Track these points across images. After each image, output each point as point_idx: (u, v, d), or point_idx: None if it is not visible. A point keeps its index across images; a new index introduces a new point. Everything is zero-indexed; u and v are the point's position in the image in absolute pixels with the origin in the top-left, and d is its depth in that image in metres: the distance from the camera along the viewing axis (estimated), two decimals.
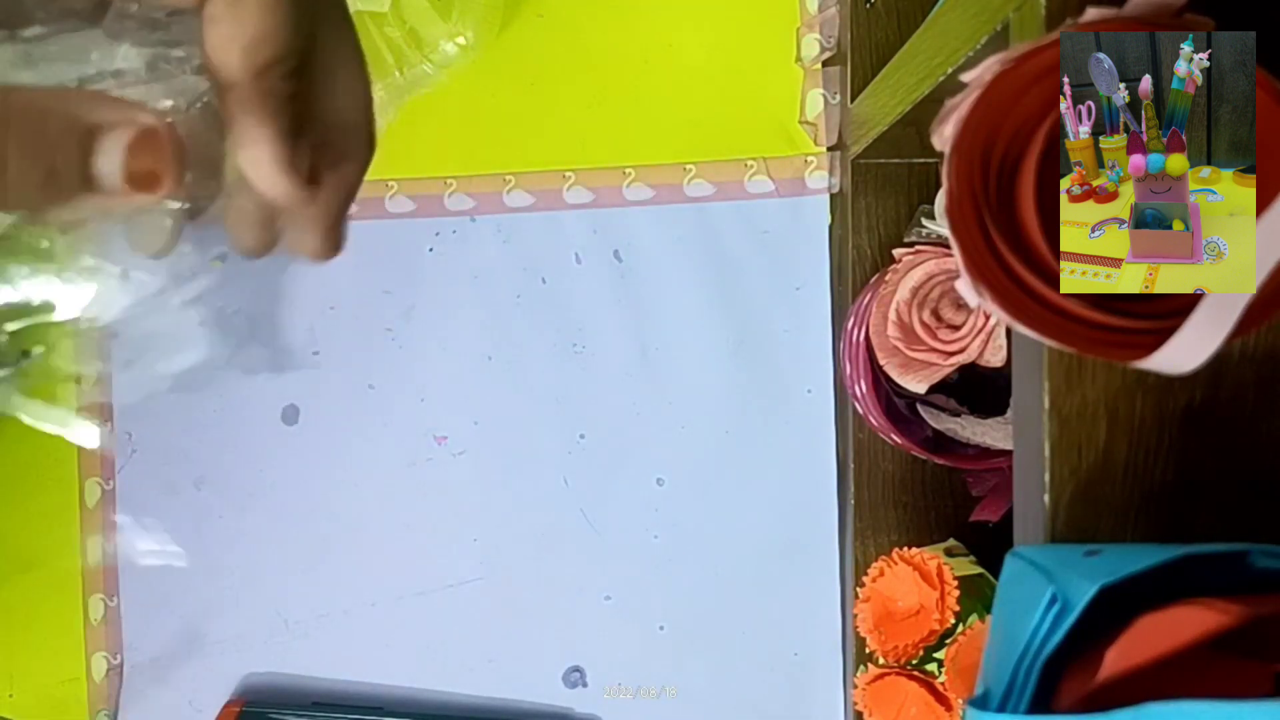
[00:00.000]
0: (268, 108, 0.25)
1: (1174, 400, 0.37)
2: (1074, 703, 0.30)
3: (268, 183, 0.26)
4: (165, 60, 0.26)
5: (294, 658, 0.83)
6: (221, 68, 0.25)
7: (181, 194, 0.26)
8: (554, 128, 0.82)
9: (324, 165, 0.28)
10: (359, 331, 0.83)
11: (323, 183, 0.28)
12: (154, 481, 0.84)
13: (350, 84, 0.28)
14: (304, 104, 0.27)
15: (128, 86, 0.25)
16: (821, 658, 0.79)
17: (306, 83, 0.27)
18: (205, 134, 0.26)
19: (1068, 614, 0.30)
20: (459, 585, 0.82)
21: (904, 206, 0.74)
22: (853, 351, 0.66)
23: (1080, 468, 0.37)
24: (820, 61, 0.79)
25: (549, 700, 0.81)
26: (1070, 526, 0.37)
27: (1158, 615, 0.29)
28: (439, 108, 0.83)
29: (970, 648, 0.57)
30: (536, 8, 0.83)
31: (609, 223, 0.81)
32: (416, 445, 0.83)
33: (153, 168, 0.23)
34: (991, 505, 0.68)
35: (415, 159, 0.83)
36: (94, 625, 0.85)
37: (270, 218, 0.29)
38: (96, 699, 0.84)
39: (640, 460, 0.81)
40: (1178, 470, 0.37)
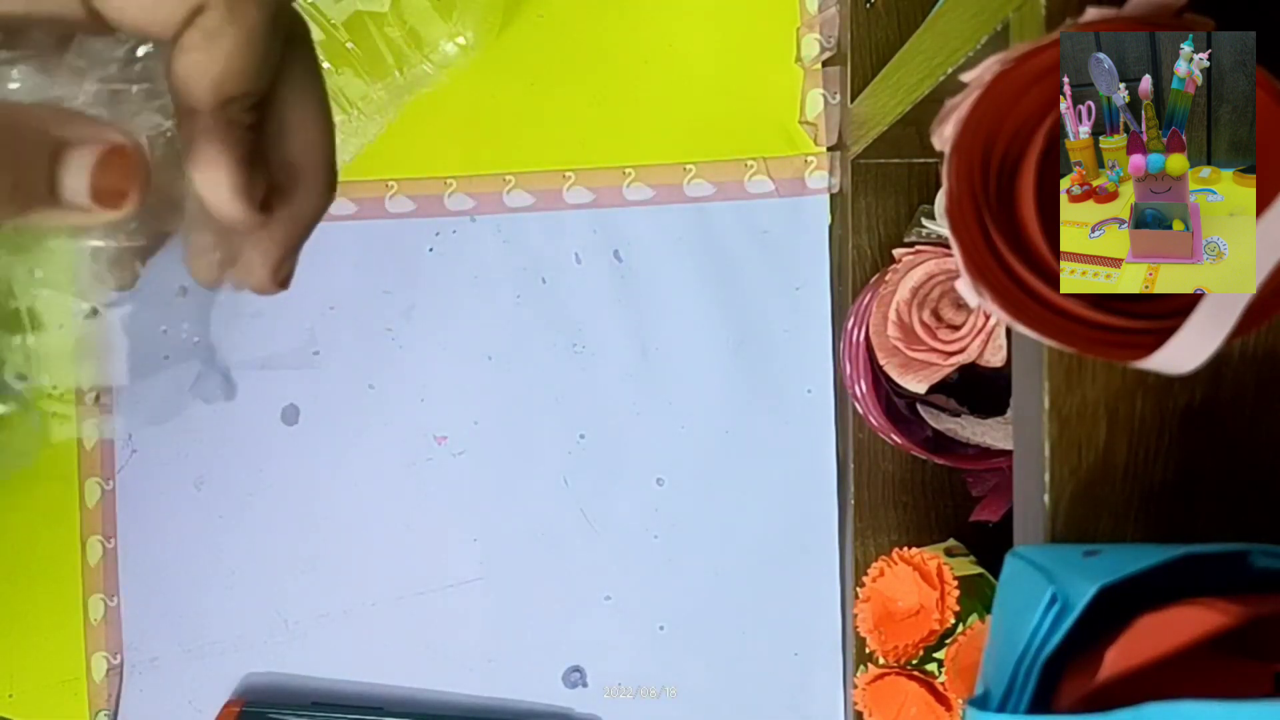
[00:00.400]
0: (228, 136, 0.26)
1: (1174, 400, 0.37)
2: (1074, 703, 0.30)
3: (222, 206, 0.27)
4: (127, 97, 0.26)
5: (294, 658, 0.83)
6: (187, 96, 0.26)
7: (142, 229, 0.26)
8: (554, 128, 0.82)
9: (278, 199, 0.28)
10: (359, 331, 0.83)
11: (276, 215, 0.28)
12: (154, 481, 0.84)
13: (311, 124, 0.29)
14: (263, 137, 0.27)
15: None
16: (821, 658, 0.79)
17: (268, 117, 0.27)
18: (166, 169, 0.27)
19: (1068, 614, 0.30)
20: (459, 585, 0.82)
21: (904, 206, 0.74)
22: (853, 351, 0.66)
23: (1080, 468, 0.37)
24: (820, 61, 0.79)
25: (549, 700, 0.81)
26: (1070, 526, 0.37)
27: (1158, 615, 0.29)
28: (439, 108, 0.83)
29: (970, 648, 0.57)
30: (536, 8, 0.83)
31: (609, 223, 0.82)
32: (416, 445, 0.83)
33: (120, 185, 0.24)
34: (991, 505, 0.68)
35: (415, 159, 0.83)
36: (94, 625, 0.85)
37: (227, 250, 0.29)
38: (96, 699, 0.84)
39: (640, 460, 0.81)
40: (1178, 470, 0.37)
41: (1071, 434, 0.37)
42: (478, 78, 0.83)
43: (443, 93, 0.83)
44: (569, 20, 0.83)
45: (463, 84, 0.83)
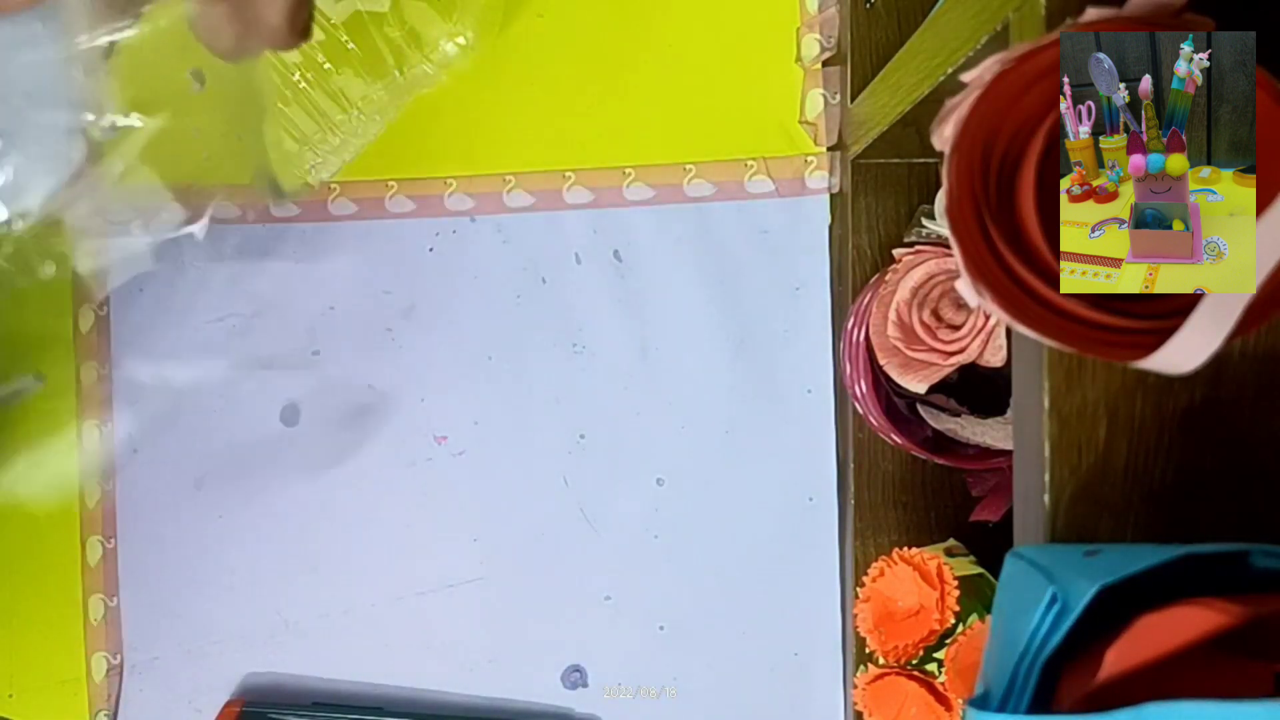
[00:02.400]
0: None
1: (1174, 400, 0.37)
2: (1074, 703, 0.30)
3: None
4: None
5: (294, 658, 0.83)
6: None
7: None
8: (554, 128, 0.82)
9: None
10: (359, 331, 0.83)
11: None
12: (154, 481, 0.84)
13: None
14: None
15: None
16: (821, 658, 0.79)
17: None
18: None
19: (1068, 614, 0.30)
20: (459, 585, 0.82)
21: (904, 206, 0.74)
22: (853, 351, 0.66)
23: (1080, 468, 0.37)
24: (820, 61, 0.79)
25: (549, 700, 0.81)
26: (1070, 526, 0.37)
27: (1158, 615, 0.29)
28: (439, 108, 0.83)
29: (970, 648, 0.57)
30: (536, 8, 0.83)
31: (609, 223, 0.82)
32: (416, 445, 0.83)
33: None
34: (991, 505, 0.68)
35: (415, 159, 0.83)
36: (94, 625, 0.85)
37: (241, 16, 0.29)
38: (96, 699, 0.84)
39: (640, 460, 0.81)
40: (1178, 470, 0.37)
41: (1071, 434, 0.37)
42: (478, 78, 0.83)
43: (443, 93, 0.83)
44: (569, 20, 0.83)
45: (463, 84, 0.83)
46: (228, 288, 0.84)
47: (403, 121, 0.83)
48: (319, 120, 0.76)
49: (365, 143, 0.81)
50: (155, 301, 0.84)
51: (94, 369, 0.85)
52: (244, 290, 0.84)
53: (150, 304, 0.84)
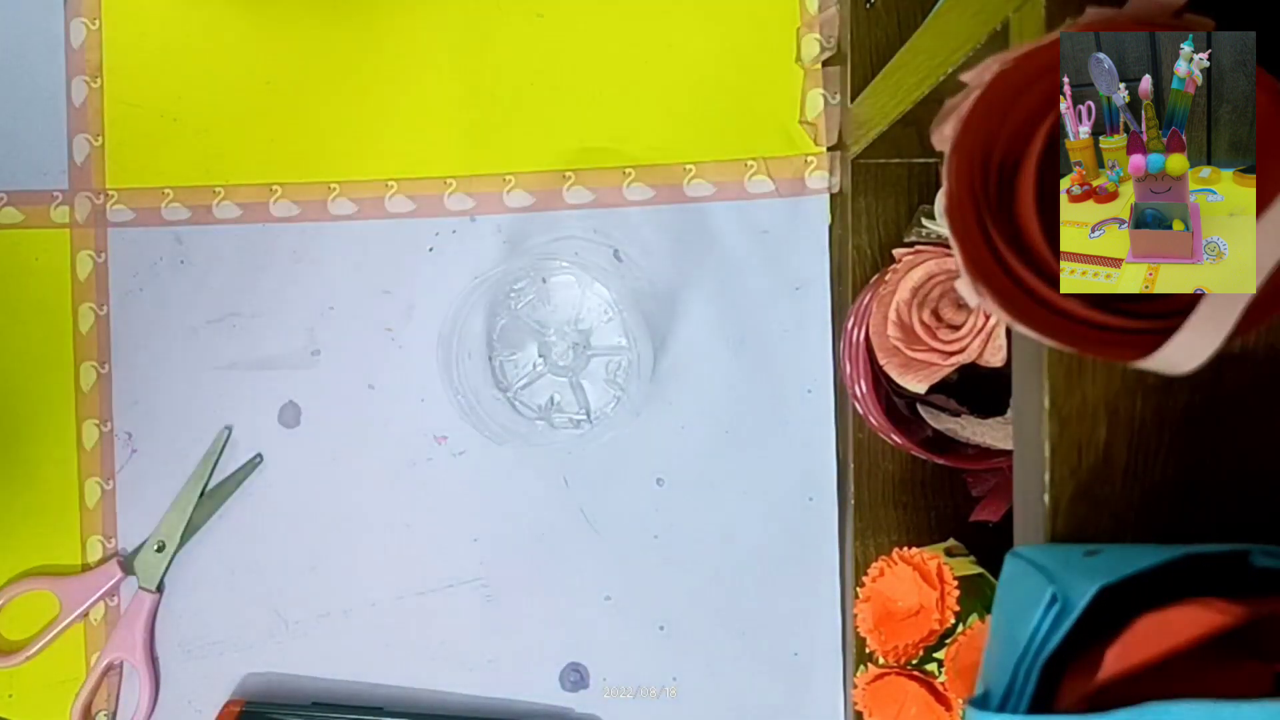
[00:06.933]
0: None
1: (1174, 400, 0.37)
2: (1074, 703, 0.30)
3: None
4: None
5: (294, 658, 0.83)
6: None
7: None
8: (554, 127, 0.82)
9: None
10: (359, 331, 0.83)
11: None
12: (154, 481, 0.84)
13: None
14: None
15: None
16: (821, 658, 0.79)
17: None
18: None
19: (1068, 614, 0.30)
20: (459, 585, 0.82)
21: (904, 206, 0.74)
22: (853, 351, 0.66)
23: (1080, 468, 0.37)
24: (820, 61, 0.79)
25: (549, 700, 0.81)
26: (1070, 526, 0.37)
27: (1158, 615, 0.29)
28: (438, 107, 0.83)
29: (970, 648, 0.57)
30: (536, 8, 0.83)
31: (609, 223, 0.82)
32: (416, 445, 0.83)
33: None
34: (991, 505, 0.68)
35: (415, 159, 0.83)
36: (94, 625, 0.85)
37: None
38: (97, 699, 0.84)
39: (640, 460, 0.81)
40: (1178, 470, 0.37)
41: (1071, 434, 0.37)
42: (477, 78, 0.83)
43: (443, 93, 0.83)
44: (568, 20, 0.83)
45: (462, 84, 0.83)
46: (228, 288, 0.84)
47: (403, 121, 0.83)
48: None
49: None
50: (155, 301, 0.84)
51: (94, 369, 0.85)
52: (244, 290, 0.84)
53: (150, 304, 0.84)
